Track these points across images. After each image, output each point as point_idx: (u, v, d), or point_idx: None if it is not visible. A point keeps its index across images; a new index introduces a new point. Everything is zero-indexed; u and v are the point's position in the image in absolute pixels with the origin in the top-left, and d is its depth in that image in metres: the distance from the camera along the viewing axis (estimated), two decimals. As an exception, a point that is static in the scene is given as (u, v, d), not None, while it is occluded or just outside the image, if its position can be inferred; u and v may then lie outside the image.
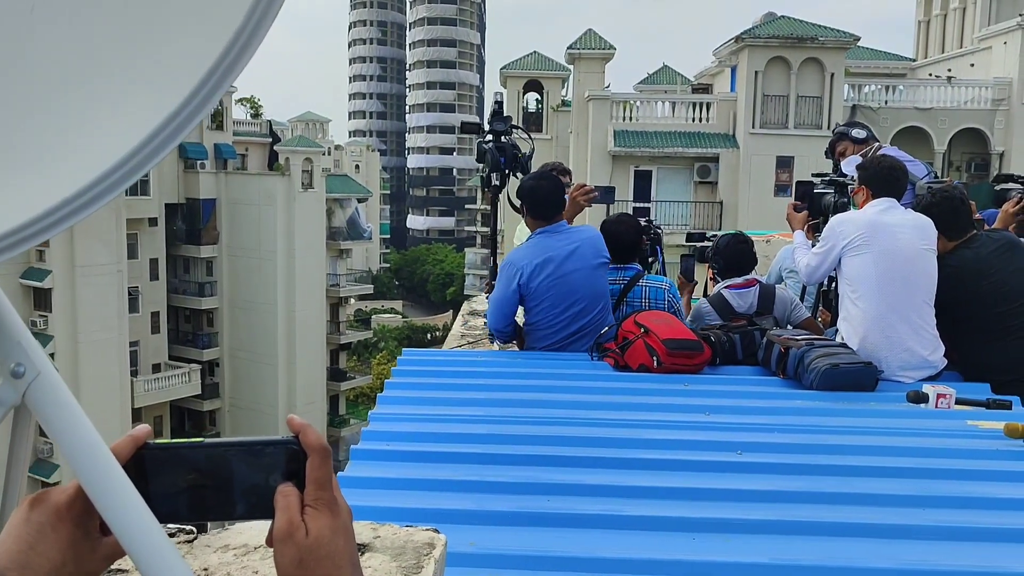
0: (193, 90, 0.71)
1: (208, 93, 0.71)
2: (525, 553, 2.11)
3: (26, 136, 0.75)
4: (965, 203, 4.23)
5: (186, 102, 0.71)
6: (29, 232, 0.72)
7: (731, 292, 4.60)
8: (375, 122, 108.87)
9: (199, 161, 40.30)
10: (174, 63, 0.72)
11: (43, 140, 0.75)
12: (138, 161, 0.72)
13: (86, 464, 0.84)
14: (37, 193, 0.72)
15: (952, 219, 4.16)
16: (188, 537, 1.18)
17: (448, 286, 72.60)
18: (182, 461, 0.92)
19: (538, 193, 4.54)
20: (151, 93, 0.73)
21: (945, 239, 4.12)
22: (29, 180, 0.74)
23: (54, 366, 0.86)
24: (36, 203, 0.72)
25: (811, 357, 3.73)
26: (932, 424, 3.30)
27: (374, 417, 3.13)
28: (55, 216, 0.73)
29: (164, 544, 0.85)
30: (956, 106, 28.52)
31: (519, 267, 4.41)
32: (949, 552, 2.22)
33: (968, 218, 4.23)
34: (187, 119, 0.72)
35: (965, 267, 4.09)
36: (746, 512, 2.37)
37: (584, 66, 30.12)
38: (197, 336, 41.73)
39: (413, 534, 1.20)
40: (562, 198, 4.57)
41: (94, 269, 33.98)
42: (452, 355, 4.84)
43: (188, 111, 0.71)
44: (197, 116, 0.72)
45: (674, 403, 3.49)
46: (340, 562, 0.88)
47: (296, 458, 0.91)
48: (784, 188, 26.93)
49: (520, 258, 4.47)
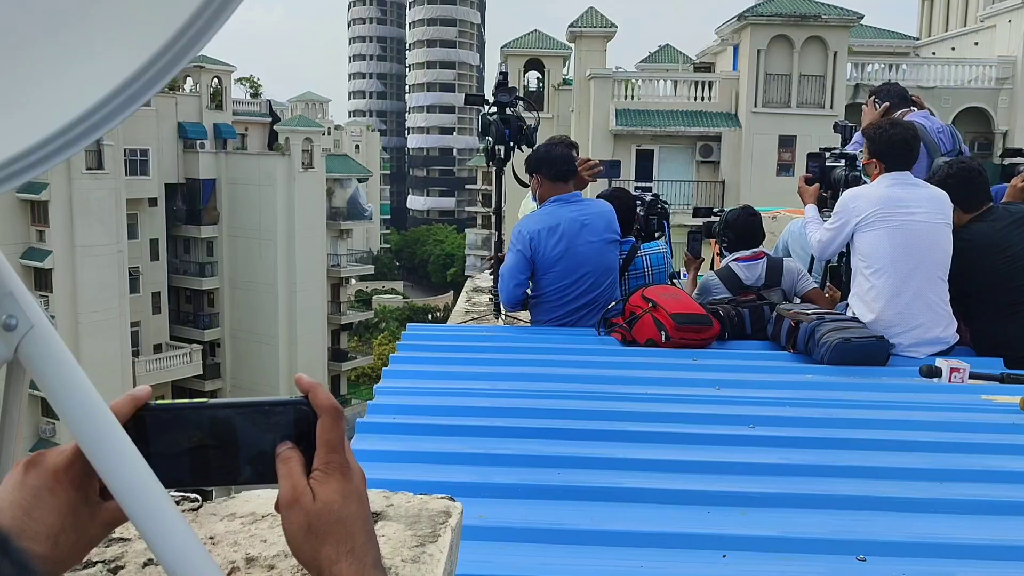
0: (176, 33, 0.65)
1: (189, 41, 0.66)
2: (535, 526, 2.06)
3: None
4: (982, 175, 4.16)
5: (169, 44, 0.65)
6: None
7: (739, 265, 4.54)
8: (375, 102, 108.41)
9: (199, 141, 40.19)
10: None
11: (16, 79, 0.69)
12: (112, 109, 0.66)
13: (84, 423, 0.78)
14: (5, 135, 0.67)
15: (968, 191, 4.09)
16: (193, 505, 1.14)
17: (449, 267, 72.53)
18: (185, 423, 0.86)
19: (553, 153, 4.51)
20: (134, 33, 0.67)
21: (961, 211, 4.06)
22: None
23: (49, 319, 0.81)
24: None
25: (822, 331, 3.68)
26: (946, 398, 3.25)
27: (379, 391, 3.08)
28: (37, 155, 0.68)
29: (168, 509, 0.79)
30: (960, 85, 28.35)
31: (530, 234, 4.37)
32: (967, 525, 2.18)
33: (985, 190, 4.16)
34: (176, 58, 0.66)
35: (980, 240, 4.03)
36: (761, 485, 2.33)
37: (585, 44, 29.93)
38: (198, 316, 41.76)
39: (428, 502, 1.15)
40: (574, 166, 4.56)
41: (94, 249, 33.95)
42: (457, 330, 4.79)
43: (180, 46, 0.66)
44: (182, 60, 0.66)
45: (683, 377, 3.44)
46: (352, 528, 0.83)
47: (306, 419, 0.86)
48: (787, 167, 26.84)
49: (531, 225, 4.44)
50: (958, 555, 2.02)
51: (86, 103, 0.67)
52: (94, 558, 1.02)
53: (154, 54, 0.66)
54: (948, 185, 4.05)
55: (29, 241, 33.85)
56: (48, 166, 0.70)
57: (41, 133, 0.67)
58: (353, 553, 0.81)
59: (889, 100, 5.12)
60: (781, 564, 1.95)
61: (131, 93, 0.68)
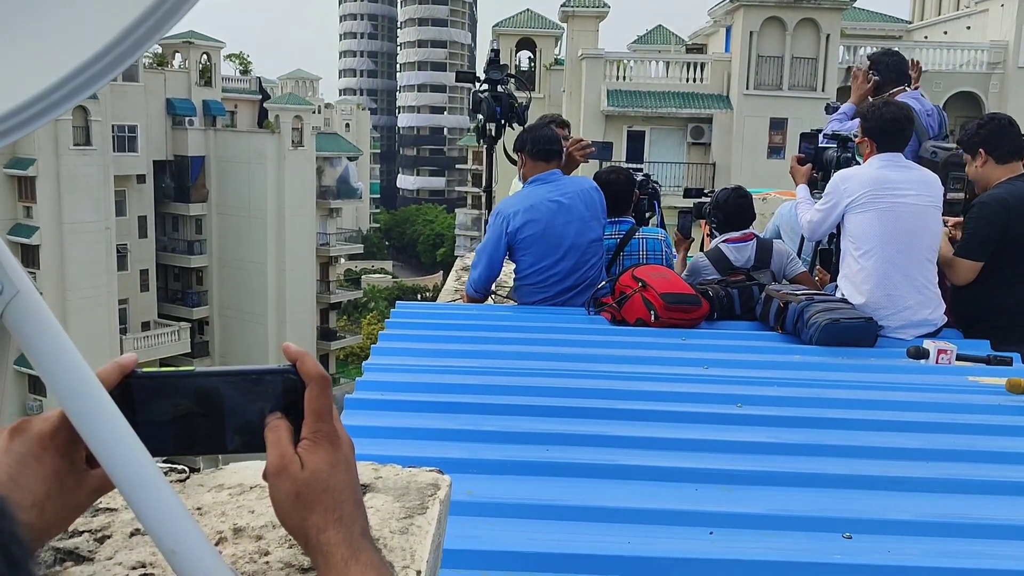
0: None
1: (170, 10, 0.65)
2: (523, 501, 2.07)
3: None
4: (1015, 125, 4.15)
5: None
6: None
7: (729, 246, 4.54)
8: (366, 80, 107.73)
9: (187, 118, 39.88)
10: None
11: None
12: (93, 73, 0.65)
13: (70, 390, 0.78)
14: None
15: (1000, 138, 4.07)
16: (180, 476, 1.13)
17: (438, 247, 72.41)
18: (171, 391, 0.86)
19: (538, 132, 4.49)
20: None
21: (994, 160, 4.06)
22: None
23: (35, 286, 0.80)
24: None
25: (811, 312, 3.69)
26: (933, 379, 3.27)
27: (368, 367, 3.08)
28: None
29: (155, 476, 0.79)
30: (952, 69, 28.35)
31: (506, 215, 4.35)
32: (951, 504, 2.20)
33: (1017, 143, 4.13)
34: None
35: (1006, 200, 3.98)
36: (748, 464, 2.34)
37: (577, 24, 29.80)
38: (186, 294, 41.61)
39: (416, 475, 1.15)
40: (559, 146, 4.52)
41: (82, 226, 33.75)
42: (446, 308, 4.79)
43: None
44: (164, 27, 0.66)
45: (672, 356, 3.45)
46: (340, 497, 0.82)
47: (294, 388, 0.86)
48: (777, 150, 26.84)
49: (508, 206, 4.42)
50: (942, 533, 2.03)
51: (66, 67, 0.66)
52: (80, 527, 1.02)
53: (137, 18, 0.65)
54: (980, 135, 4.05)
55: (16, 217, 33.61)
56: (30, 129, 0.69)
57: (21, 97, 0.66)
58: (341, 521, 0.81)
59: (884, 75, 5.06)
60: (767, 541, 1.96)
61: (114, 57, 0.67)
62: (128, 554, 0.95)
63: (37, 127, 0.69)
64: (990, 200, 4.00)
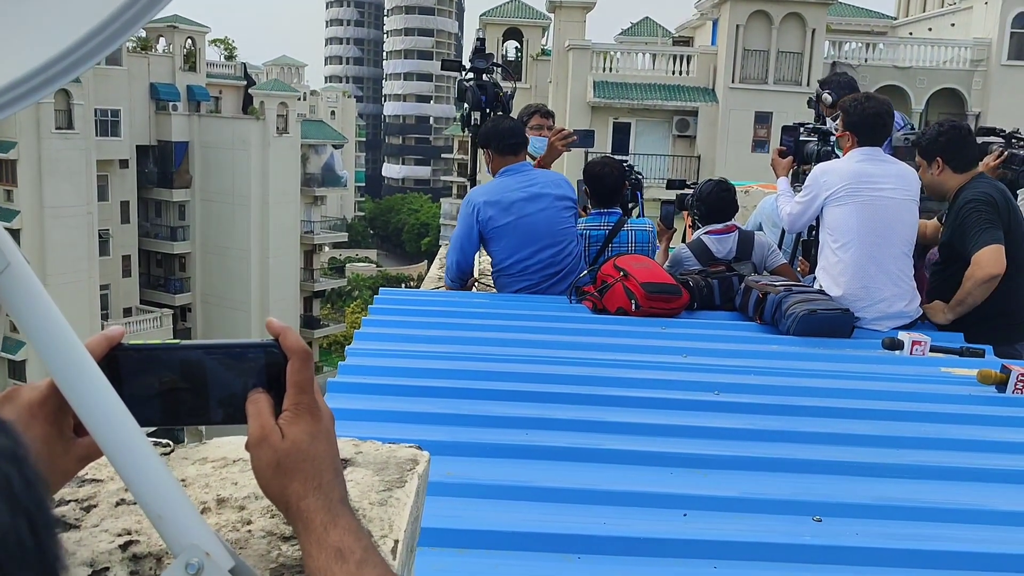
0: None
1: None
2: (501, 483, 2.10)
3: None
4: (972, 134, 4.20)
5: None
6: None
7: (711, 238, 4.59)
8: (351, 68, 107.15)
9: (171, 103, 39.58)
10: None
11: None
12: (79, 57, 0.67)
13: (59, 360, 0.80)
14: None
15: (960, 148, 4.11)
16: (164, 450, 1.16)
17: (423, 236, 72.26)
18: (157, 363, 0.89)
19: (500, 127, 4.52)
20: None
21: (951, 170, 4.11)
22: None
23: (24, 258, 0.82)
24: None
25: (789, 303, 3.74)
26: (906, 370, 3.33)
27: (351, 352, 3.10)
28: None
29: (143, 444, 0.82)
30: (935, 66, 28.53)
31: (476, 203, 4.38)
32: (920, 490, 2.25)
33: (975, 152, 4.18)
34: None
35: (993, 196, 4.01)
36: (723, 449, 2.38)
37: (565, 15, 29.74)
38: (169, 281, 41.40)
39: (396, 451, 1.18)
40: (524, 137, 4.55)
41: (63, 211, 33.48)
42: (430, 295, 4.81)
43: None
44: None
45: (651, 345, 3.49)
46: (320, 466, 0.85)
47: (276, 361, 0.89)
48: (762, 144, 26.93)
49: (478, 195, 4.46)
50: (910, 517, 2.08)
51: (52, 50, 0.68)
52: (67, 497, 1.04)
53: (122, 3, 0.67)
54: (940, 143, 4.09)
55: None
56: (10, 112, 0.71)
57: (2, 80, 0.68)
58: (320, 489, 0.84)
59: (837, 93, 5.17)
60: (739, 523, 2.01)
61: (99, 41, 0.69)
62: (114, 522, 0.98)
63: (17, 110, 0.71)
64: (981, 195, 4.03)
